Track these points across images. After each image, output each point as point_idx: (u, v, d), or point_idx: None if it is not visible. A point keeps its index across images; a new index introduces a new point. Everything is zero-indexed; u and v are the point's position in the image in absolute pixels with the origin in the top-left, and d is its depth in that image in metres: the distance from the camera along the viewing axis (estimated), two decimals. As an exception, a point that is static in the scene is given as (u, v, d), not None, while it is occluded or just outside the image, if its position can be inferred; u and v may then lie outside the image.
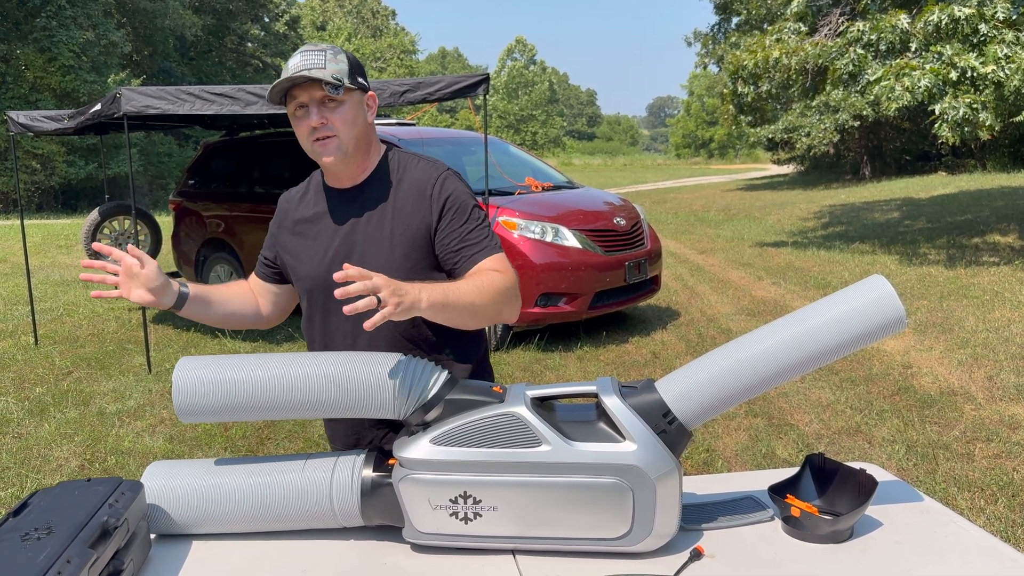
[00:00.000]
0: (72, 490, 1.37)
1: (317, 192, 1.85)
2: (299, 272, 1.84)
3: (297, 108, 1.70)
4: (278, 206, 1.93)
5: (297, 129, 1.72)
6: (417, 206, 1.74)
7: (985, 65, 7.91)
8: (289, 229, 1.86)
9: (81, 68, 24.92)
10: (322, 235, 1.80)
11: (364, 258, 1.73)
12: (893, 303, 1.40)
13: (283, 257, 1.88)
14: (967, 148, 24.18)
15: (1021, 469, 3.83)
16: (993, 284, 8.15)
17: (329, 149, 1.70)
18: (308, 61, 1.65)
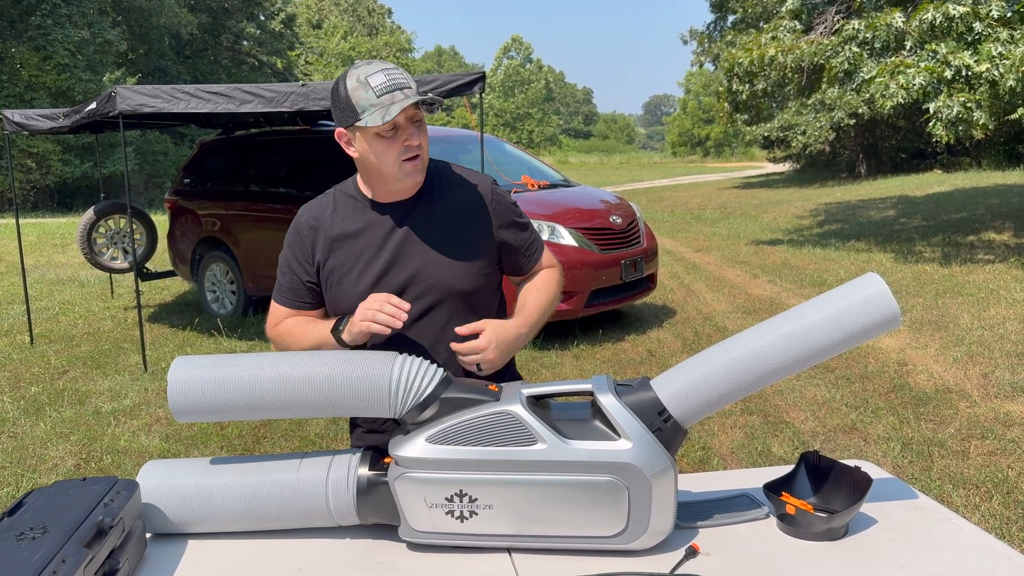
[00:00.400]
0: (67, 489, 1.37)
1: (354, 206, 1.79)
2: (346, 290, 1.76)
3: (388, 128, 1.65)
4: (302, 224, 1.82)
5: (384, 150, 1.67)
6: (477, 214, 1.80)
7: (979, 64, 7.92)
8: (326, 247, 1.78)
9: (76, 67, 24.84)
10: (371, 248, 1.76)
11: (433, 270, 1.75)
12: (887, 301, 1.40)
13: (324, 275, 1.79)
14: (962, 146, 24.23)
15: (1016, 466, 3.84)
16: (988, 282, 8.17)
17: (418, 169, 1.71)
18: (398, 79, 1.64)
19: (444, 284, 1.75)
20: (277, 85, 6.16)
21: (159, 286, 9.95)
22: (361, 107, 1.64)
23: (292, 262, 1.83)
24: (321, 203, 1.84)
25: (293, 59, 42.19)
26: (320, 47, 48.09)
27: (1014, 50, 7.74)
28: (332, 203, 1.82)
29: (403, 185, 1.74)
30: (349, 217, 1.79)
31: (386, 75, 1.63)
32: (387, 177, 1.72)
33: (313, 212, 1.83)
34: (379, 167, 1.70)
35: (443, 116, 54.61)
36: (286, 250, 1.85)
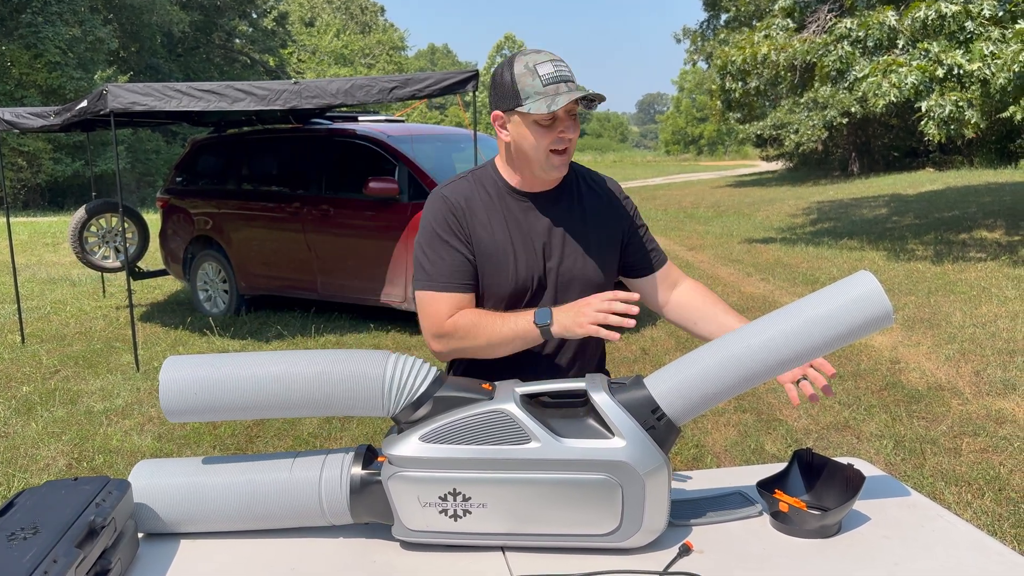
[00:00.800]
0: (58, 489, 1.37)
1: (500, 193, 1.79)
2: (502, 276, 1.76)
3: (548, 118, 1.67)
4: (453, 203, 1.76)
5: (538, 137, 1.68)
6: (612, 213, 1.86)
7: (971, 63, 7.95)
8: (478, 230, 1.76)
9: (67, 65, 24.74)
10: (523, 237, 1.77)
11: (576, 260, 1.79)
12: (880, 299, 1.40)
13: (477, 258, 1.76)
14: (954, 144, 24.32)
15: (1007, 463, 3.86)
16: (980, 280, 8.20)
17: (564, 163, 1.73)
18: (565, 72, 1.67)
19: (585, 276, 1.80)
20: (269, 83, 6.14)
21: (151, 285, 9.91)
22: (526, 93, 1.65)
23: (451, 240, 1.74)
24: (463, 185, 1.80)
25: (286, 57, 42.09)
26: (312, 45, 47.98)
27: (1005, 49, 7.77)
28: (472, 186, 1.80)
29: (547, 176, 1.75)
30: (491, 202, 1.78)
31: (554, 66, 1.66)
32: (533, 165, 1.73)
33: (461, 192, 1.79)
34: (528, 154, 1.72)
35: (437, 115, 54.54)
36: (436, 233, 1.75)
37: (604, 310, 1.55)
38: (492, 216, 1.77)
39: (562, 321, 1.62)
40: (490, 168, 1.83)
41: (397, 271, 6.78)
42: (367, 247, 6.93)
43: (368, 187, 6.68)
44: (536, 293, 1.79)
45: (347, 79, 6.34)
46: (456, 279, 1.74)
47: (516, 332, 1.66)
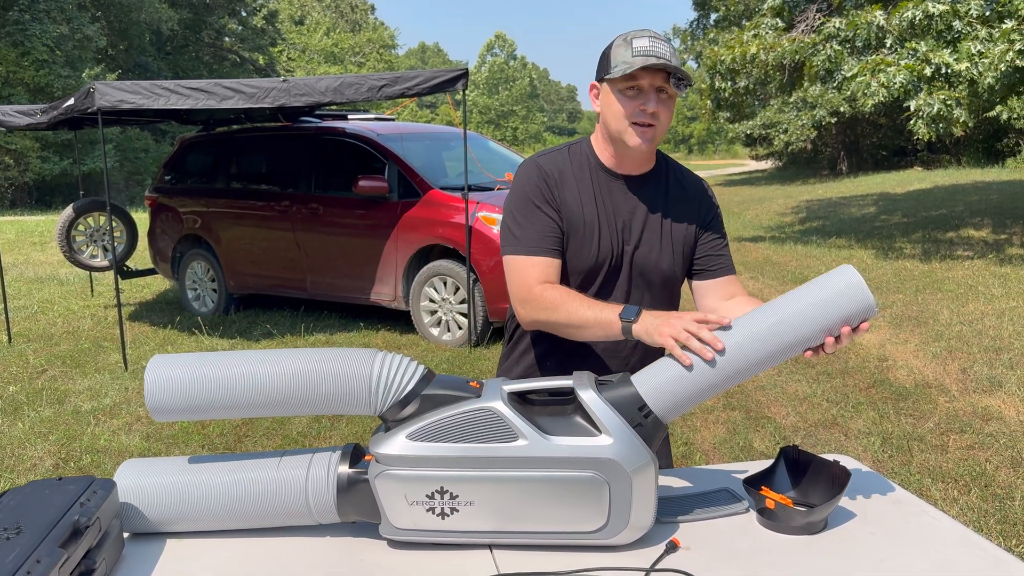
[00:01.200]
0: (42, 489, 1.36)
1: (591, 168, 1.82)
2: (586, 248, 1.78)
3: (630, 88, 1.69)
4: (545, 171, 1.79)
5: (622, 107, 1.71)
6: (693, 209, 1.86)
7: (959, 62, 8.00)
8: (567, 201, 1.78)
9: (55, 62, 24.59)
10: (609, 214, 1.80)
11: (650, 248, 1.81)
12: (862, 291, 1.42)
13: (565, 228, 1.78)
14: (942, 143, 24.46)
15: (994, 460, 3.88)
16: (967, 278, 8.25)
17: (645, 137, 1.73)
18: (659, 49, 1.66)
19: (659, 266, 1.83)
20: (258, 81, 6.12)
21: (139, 284, 9.87)
22: (615, 63, 1.69)
23: (542, 205, 1.77)
24: (558, 157, 1.84)
25: (275, 55, 41.94)
26: (302, 43, 47.83)
27: (993, 48, 7.82)
28: (567, 158, 1.84)
29: (627, 148, 1.75)
30: (587, 176, 1.81)
31: (650, 41, 1.67)
32: (614, 135, 1.75)
33: (555, 162, 1.82)
34: (612, 124, 1.74)
35: (427, 113, 54.46)
36: (529, 198, 1.78)
37: (692, 331, 1.47)
38: (582, 189, 1.80)
39: (646, 323, 1.57)
40: (585, 144, 1.86)
41: (387, 270, 6.77)
42: (357, 246, 6.92)
43: (358, 186, 6.67)
44: (611, 274, 1.81)
45: (336, 77, 6.32)
46: (546, 244, 1.76)
47: (599, 319, 1.64)
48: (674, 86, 1.69)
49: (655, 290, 1.85)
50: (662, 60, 1.65)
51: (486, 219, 6.20)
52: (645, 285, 1.84)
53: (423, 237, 6.53)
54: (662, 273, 1.83)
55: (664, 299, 1.87)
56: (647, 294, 1.85)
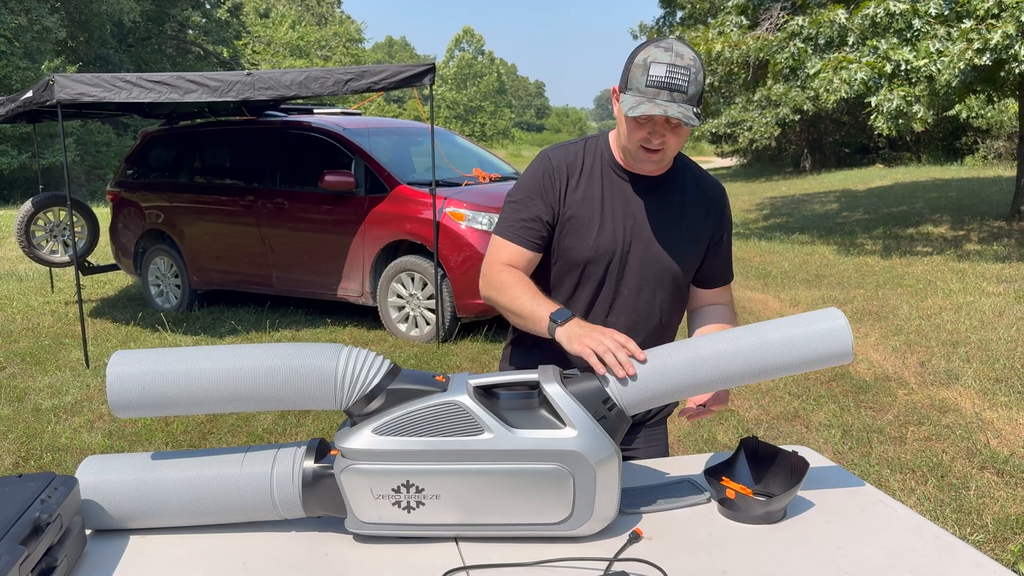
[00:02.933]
0: (3, 486, 1.34)
1: (604, 166, 1.83)
2: (582, 242, 1.79)
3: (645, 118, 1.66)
4: (554, 166, 1.82)
5: (631, 131, 1.70)
6: (707, 214, 1.87)
7: (918, 59, 8.15)
8: (573, 196, 1.80)
9: (13, 54, 24.03)
10: (613, 211, 1.80)
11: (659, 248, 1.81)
12: (844, 336, 1.47)
13: (563, 221, 1.80)
14: (903, 141, 24.90)
15: (950, 451, 3.98)
16: (926, 273, 8.42)
17: (653, 161, 1.74)
18: (675, 80, 1.60)
19: (667, 267, 1.83)
20: (222, 74, 6.05)
21: (101, 280, 9.70)
22: (630, 85, 1.66)
23: (535, 198, 1.80)
24: (572, 150, 1.85)
25: (240, 48, 41.40)
26: (267, 36, 47.27)
27: (951, 47, 7.98)
28: (583, 154, 1.84)
29: (638, 168, 1.78)
30: (598, 172, 1.82)
31: (667, 71, 1.61)
32: (627, 151, 1.76)
33: (566, 157, 1.84)
34: (623, 139, 1.75)
35: (395, 108, 54.13)
36: (528, 187, 1.82)
37: (611, 348, 1.49)
38: (590, 182, 1.81)
39: (571, 330, 1.59)
40: (602, 139, 1.87)
41: (354, 265, 6.73)
42: (323, 241, 6.88)
43: (324, 180, 6.63)
44: (617, 269, 1.81)
45: (302, 71, 6.27)
46: (523, 232, 1.79)
47: (532, 312, 1.68)
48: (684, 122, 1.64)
49: (665, 289, 1.85)
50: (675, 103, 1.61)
51: (454, 215, 6.20)
52: (656, 284, 1.84)
53: (390, 233, 6.51)
54: (670, 274, 1.84)
55: (675, 298, 1.89)
56: (658, 293, 1.85)
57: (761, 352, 1.47)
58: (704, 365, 1.47)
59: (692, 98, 1.63)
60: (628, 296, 1.83)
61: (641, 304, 1.84)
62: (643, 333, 1.82)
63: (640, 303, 1.84)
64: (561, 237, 1.81)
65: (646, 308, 1.84)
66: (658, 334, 1.87)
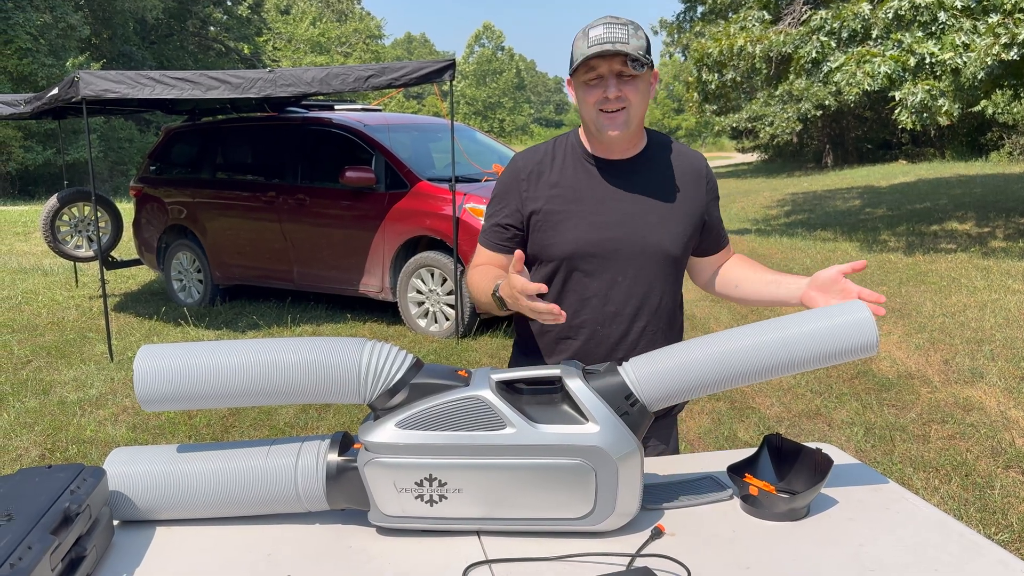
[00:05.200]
0: (32, 477, 1.36)
1: (575, 158, 1.85)
2: (559, 237, 1.81)
3: (593, 78, 1.71)
4: (519, 170, 1.86)
5: (586, 97, 1.74)
6: (696, 188, 1.88)
7: (943, 52, 8.05)
8: (544, 193, 1.83)
9: (39, 51, 24.32)
10: (590, 201, 1.81)
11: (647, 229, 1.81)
12: (869, 328, 1.45)
13: (535, 220, 1.83)
14: (926, 137, 24.62)
15: (974, 450, 3.94)
16: (950, 271, 8.33)
17: (617, 123, 1.73)
18: (613, 34, 1.66)
19: (659, 246, 1.82)
20: (244, 72, 6.09)
21: (125, 275, 9.81)
22: (575, 57, 1.71)
23: (502, 204, 1.86)
24: (539, 151, 1.89)
25: (261, 45, 41.64)
26: (288, 33, 47.49)
27: (978, 41, 7.87)
28: (552, 151, 1.87)
29: (604, 137, 1.77)
30: (569, 166, 1.84)
31: (606, 29, 1.67)
32: (590, 127, 1.78)
33: (533, 158, 1.87)
34: (584, 115, 1.78)
35: (414, 104, 54.22)
36: (496, 191, 1.89)
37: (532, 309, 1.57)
38: (563, 175, 1.83)
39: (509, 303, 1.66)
40: (573, 135, 1.90)
41: (374, 261, 6.76)
42: (344, 237, 6.91)
43: (344, 176, 6.66)
44: (602, 258, 1.81)
45: (323, 68, 6.30)
46: (492, 237, 1.87)
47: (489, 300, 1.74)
48: (633, 68, 1.67)
49: (661, 269, 1.85)
50: (614, 46, 1.64)
51: (473, 210, 6.21)
52: (650, 265, 1.83)
53: (410, 228, 6.53)
54: (666, 252, 1.83)
55: (673, 277, 1.89)
56: (654, 274, 1.85)
57: (786, 346, 1.46)
58: (728, 359, 1.46)
59: (635, 49, 1.66)
60: (623, 282, 1.83)
61: (639, 288, 1.83)
62: (645, 316, 1.84)
63: (637, 288, 1.83)
64: (535, 235, 1.83)
65: (644, 291, 1.84)
66: (661, 314, 1.87)
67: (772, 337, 1.47)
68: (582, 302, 1.85)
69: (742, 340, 1.47)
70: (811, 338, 1.46)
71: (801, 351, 1.46)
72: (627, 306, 1.83)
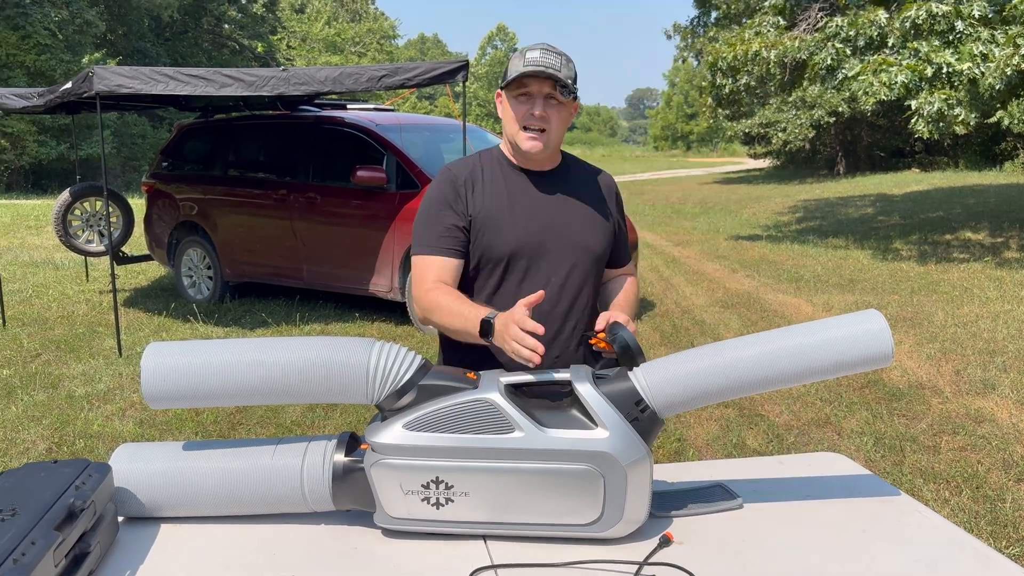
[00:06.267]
0: (38, 471, 1.36)
1: (503, 168, 1.93)
2: (501, 237, 1.86)
3: (521, 94, 1.82)
4: (456, 176, 1.91)
5: (512, 109, 1.84)
6: (610, 202, 2.01)
7: (961, 62, 8.00)
8: (479, 199, 1.89)
9: (56, 47, 24.46)
10: (522, 205, 1.89)
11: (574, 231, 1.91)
12: (884, 338, 1.43)
13: (477, 224, 1.87)
14: (940, 145, 24.49)
15: (985, 462, 3.90)
16: (963, 280, 8.27)
17: (537, 143, 1.84)
18: (548, 60, 1.79)
19: (585, 245, 1.92)
20: (258, 70, 6.11)
21: (135, 270, 9.84)
22: (509, 73, 1.82)
23: (445, 209, 1.88)
24: (468, 162, 1.96)
25: (275, 43, 41.78)
26: (303, 32, 47.65)
27: (996, 51, 7.82)
28: (479, 163, 1.95)
29: (525, 152, 1.85)
30: (498, 174, 1.93)
31: (542, 54, 1.80)
32: (511, 140, 1.87)
33: (466, 167, 1.94)
34: (508, 128, 1.87)
35: (426, 105, 54.31)
36: (435, 201, 1.90)
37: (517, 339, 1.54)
38: (494, 186, 1.90)
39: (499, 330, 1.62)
40: (495, 149, 1.99)
41: (384, 261, 6.76)
42: (354, 236, 6.91)
43: (356, 176, 6.66)
44: (535, 259, 1.87)
45: (336, 67, 6.32)
46: (443, 243, 1.86)
47: (465, 325, 1.70)
48: (561, 94, 1.79)
49: (588, 271, 1.93)
50: (546, 69, 1.75)
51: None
52: (579, 266, 1.91)
53: (420, 229, 6.52)
54: (592, 254, 1.93)
55: (593, 281, 1.96)
56: (583, 275, 1.92)
57: (799, 355, 1.44)
58: (741, 367, 1.44)
59: (566, 77, 1.78)
60: (555, 283, 1.89)
61: (570, 288, 1.90)
62: (576, 315, 1.91)
63: (568, 288, 1.90)
64: (478, 238, 1.87)
65: (575, 291, 1.91)
66: (590, 314, 1.93)
67: (786, 345, 1.45)
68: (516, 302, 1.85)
69: (755, 348, 1.46)
70: (826, 347, 1.44)
71: (815, 360, 1.44)
72: (559, 305, 1.89)
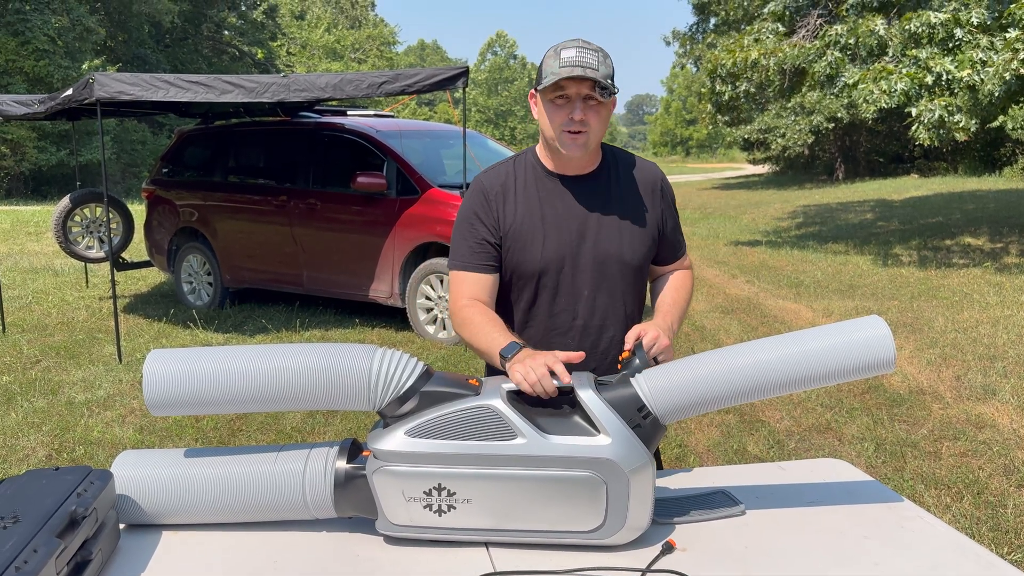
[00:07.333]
0: (39, 479, 1.35)
1: (537, 175, 1.88)
2: (530, 255, 1.83)
3: (559, 97, 1.75)
4: (487, 188, 1.87)
5: (551, 114, 1.77)
6: (652, 198, 1.92)
7: (960, 69, 8.02)
8: (511, 211, 1.85)
9: (55, 53, 24.49)
10: (554, 217, 1.84)
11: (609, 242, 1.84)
12: (886, 344, 1.43)
13: (508, 240, 1.84)
14: (939, 151, 24.52)
15: (986, 467, 3.89)
16: (963, 286, 8.28)
17: (578, 143, 1.78)
18: (585, 59, 1.71)
19: (621, 257, 1.85)
20: (258, 76, 6.12)
21: (135, 276, 9.84)
22: (545, 74, 1.74)
23: (476, 224, 1.85)
24: (502, 170, 1.90)
25: (275, 50, 41.85)
26: (303, 39, 47.74)
27: (995, 58, 7.84)
28: (513, 171, 1.90)
29: (566, 155, 1.80)
30: (532, 184, 1.87)
31: (577, 52, 1.72)
32: (550, 143, 1.81)
33: (498, 178, 1.89)
34: (545, 131, 1.81)
35: (426, 111, 54.37)
36: (467, 214, 1.87)
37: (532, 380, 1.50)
38: (527, 197, 1.85)
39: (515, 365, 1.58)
40: (530, 153, 1.92)
41: (384, 267, 6.76)
42: (354, 242, 6.91)
43: (356, 182, 6.66)
44: (568, 274, 1.84)
45: (336, 74, 6.32)
46: (476, 259, 1.84)
47: (489, 348, 1.70)
48: (600, 95, 1.72)
49: (624, 280, 1.88)
50: (584, 71, 1.69)
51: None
52: (614, 277, 1.86)
53: (420, 234, 6.52)
54: (624, 264, 1.86)
55: (637, 287, 1.92)
56: (618, 286, 1.87)
57: (801, 361, 1.44)
58: (742, 374, 1.44)
59: (604, 76, 1.71)
60: (589, 296, 1.85)
61: (603, 301, 1.86)
62: (612, 328, 1.87)
63: (601, 300, 1.86)
64: (509, 254, 1.85)
65: (609, 303, 1.87)
66: (628, 324, 1.89)
67: (788, 351, 1.45)
68: (549, 317, 1.87)
69: (757, 355, 1.46)
70: (828, 353, 1.44)
71: (818, 366, 1.44)
72: (594, 318, 1.86)
